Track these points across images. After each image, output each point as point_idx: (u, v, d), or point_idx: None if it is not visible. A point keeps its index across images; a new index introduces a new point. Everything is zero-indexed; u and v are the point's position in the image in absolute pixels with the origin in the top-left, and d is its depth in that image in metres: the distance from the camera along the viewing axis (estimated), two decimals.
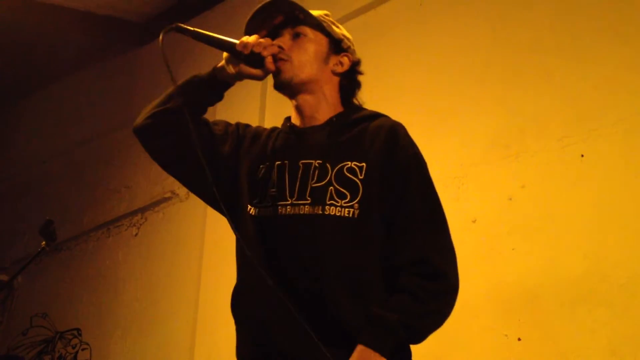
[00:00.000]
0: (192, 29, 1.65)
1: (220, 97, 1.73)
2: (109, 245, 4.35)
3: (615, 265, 2.32)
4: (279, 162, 1.64)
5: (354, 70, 1.77)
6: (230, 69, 1.67)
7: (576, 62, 2.64)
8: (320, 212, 1.54)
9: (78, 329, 4.21)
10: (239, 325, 1.65)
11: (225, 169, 1.71)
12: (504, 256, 2.55)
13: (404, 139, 1.65)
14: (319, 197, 1.56)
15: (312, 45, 1.70)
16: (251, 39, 1.64)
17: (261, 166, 1.67)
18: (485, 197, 2.69)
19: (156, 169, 4.20)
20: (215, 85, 1.71)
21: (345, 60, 1.75)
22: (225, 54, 1.68)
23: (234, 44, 1.64)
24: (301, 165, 1.61)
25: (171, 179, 4.03)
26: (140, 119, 1.75)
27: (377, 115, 1.71)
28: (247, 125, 1.81)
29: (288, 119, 1.79)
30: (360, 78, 1.82)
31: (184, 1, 4.42)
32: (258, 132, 1.78)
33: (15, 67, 4.95)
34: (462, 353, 2.53)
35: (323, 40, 1.72)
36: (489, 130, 2.77)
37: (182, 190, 3.92)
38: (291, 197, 1.58)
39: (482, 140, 2.78)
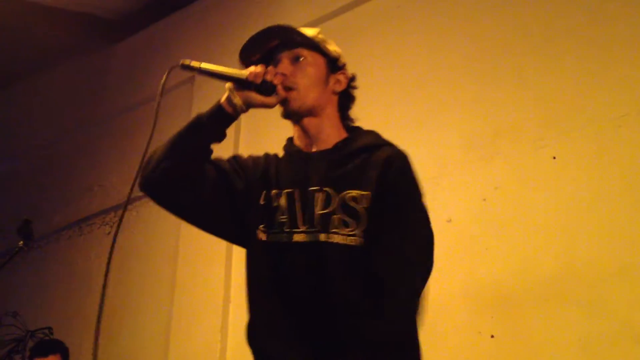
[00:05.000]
0: (197, 65, 1.62)
1: (224, 135, 1.66)
2: (81, 244, 4.31)
3: (586, 265, 2.38)
4: (288, 190, 1.64)
5: (349, 86, 1.77)
6: (238, 101, 1.62)
7: (549, 66, 2.69)
8: (326, 239, 1.55)
9: (50, 328, 4.16)
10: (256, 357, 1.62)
11: (242, 203, 1.68)
12: (478, 255, 2.60)
13: (400, 169, 1.63)
14: (324, 225, 1.56)
15: (312, 68, 1.69)
16: (260, 68, 1.62)
17: (264, 192, 1.67)
18: (460, 198, 2.74)
19: (130, 167, 4.20)
20: (223, 122, 1.64)
21: (342, 79, 1.75)
22: (228, 86, 1.64)
23: (243, 75, 1.62)
24: (310, 193, 1.61)
25: None
26: (148, 174, 1.65)
27: (382, 144, 1.69)
28: (241, 156, 1.78)
29: (291, 140, 1.78)
30: None
31: None
32: (255, 160, 1.77)
33: None
34: (436, 350, 2.54)
35: (321, 61, 1.72)
36: (464, 132, 2.82)
37: None
38: (303, 224, 1.59)
39: (457, 142, 2.83)
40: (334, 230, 1.55)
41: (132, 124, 4.34)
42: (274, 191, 1.65)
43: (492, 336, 2.47)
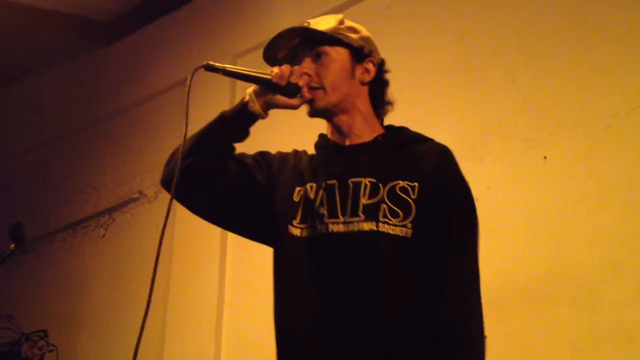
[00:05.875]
0: (222, 66, 1.58)
1: (248, 133, 1.66)
2: (76, 246, 4.31)
3: (577, 265, 2.39)
4: (327, 182, 1.61)
5: (380, 71, 1.74)
6: (258, 109, 1.60)
7: (539, 66, 2.70)
8: (375, 227, 1.52)
9: (45, 331, 4.17)
10: (287, 351, 1.58)
11: (264, 199, 1.66)
12: None
13: (455, 167, 1.66)
14: (371, 214, 1.54)
15: (336, 63, 1.66)
16: (285, 69, 1.59)
17: (297, 188, 1.64)
18: None
19: (123, 169, 4.22)
20: (247, 121, 1.63)
21: (370, 67, 1.72)
22: (249, 91, 1.62)
23: (268, 77, 1.59)
24: (351, 184, 1.58)
25: (139, 180, 4.07)
26: (170, 172, 1.62)
27: (425, 139, 1.71)
28: (268, 152, 1.77)
29: (324, 136, 1.75)
30: None
31: (152, 0, 4.40)
32: (283, 156, 1.75)
33: None
34: None
35: (345, 54, 1.68)
36: (455, 132, 2.82)
37: (150, 190, 3.92)
38: (343, 214, 1.56)
39: (447, 142, 2.78)
40: (383, 219, 1.53)
41: (126, 126, 4.34)
42: (310, 185, 1.63)
43: (484, 336, 2.47)
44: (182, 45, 4.15)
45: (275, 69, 1.59)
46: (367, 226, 1.53)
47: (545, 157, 2.57)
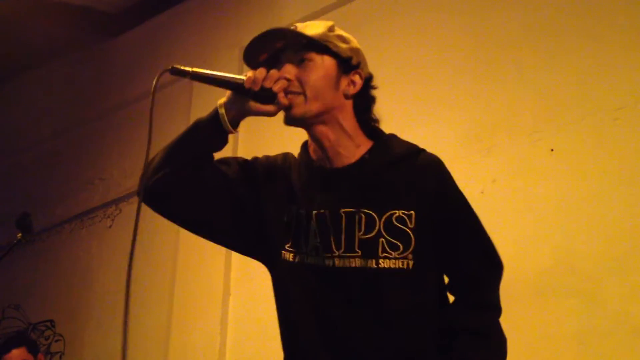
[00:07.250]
0: (190, 69, 1.47)
1: (225, 142, 1.55)
2: (83, 237, 4.33)
3: (583, 257, 2.39)
4: (317, 211, 1.52)
5: (367, 86, 1.61)
6: (235, 111, 1.51)
7: (547, 59, 2.70)
8: (374, 265, 1.47)
9: (51, 321, 4.20)
10: None
11: (247, 213, 1.58)
12: None
13: (451, 183, 1.57)
14: (370, 250, 1.48)
15: (320, 71, 1.53)
16: (258, 73, 1.48)
17: (288, 207, 1.57)
18: None
19: (130, 160, 4.23)
20: (221, 131, 1.52)
21: (357, 79, 1.58)
22: (220, 103, 1.52)
23: (240, 81, 1.48)
24: (343, 214, 1.50)
25: None
26: (146, 185, 1.54)
27: (415, 151, 1.58)
28: (255, 159, 1.65)
29: (306, 148, 1.63)
30: None
31: None
32: (270, 164, 1.63)
33: None
34: None
35: (331, 63, 1.55)
36: (462, 125, 2.82)
37: None
38: (338, 249, 1.50)
39: (454, 134, 2.83)
40: (383, 255, 1.47)
41: (134, 117, 4.35)
42: (301, 210, 1.55)
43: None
44: (188, 37, 4.16)
45: (249, 73, 1.49)
46: (367, 263, 1.47)
47: (552, 150, 2.57)
